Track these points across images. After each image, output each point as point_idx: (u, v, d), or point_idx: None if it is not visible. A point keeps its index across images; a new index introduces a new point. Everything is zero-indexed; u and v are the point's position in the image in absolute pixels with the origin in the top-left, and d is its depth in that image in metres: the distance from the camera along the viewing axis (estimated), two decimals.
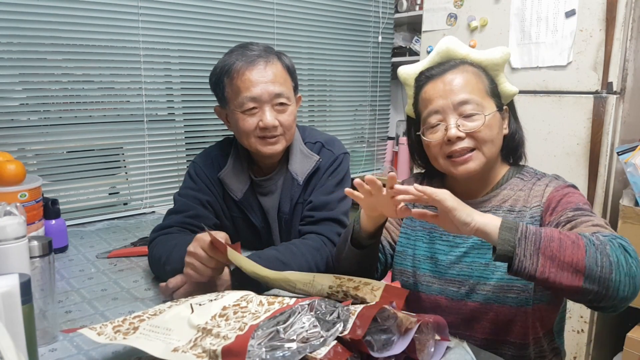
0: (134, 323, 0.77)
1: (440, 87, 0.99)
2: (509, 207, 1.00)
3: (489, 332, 0.99)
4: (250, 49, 1.22)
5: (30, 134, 1.68)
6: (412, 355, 0.73)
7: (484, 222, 0.79)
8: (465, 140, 0.96)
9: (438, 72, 1.01)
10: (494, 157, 1.00)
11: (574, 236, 0.77)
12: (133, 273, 1.22)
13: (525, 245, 0.76)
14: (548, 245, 0.75)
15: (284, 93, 1.21)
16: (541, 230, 0.78)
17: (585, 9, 1.82)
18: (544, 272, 0.75)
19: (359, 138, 2.88)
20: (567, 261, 0.74)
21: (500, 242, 0.77)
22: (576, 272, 0.74)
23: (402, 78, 1.09)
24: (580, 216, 0.89)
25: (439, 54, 1.04)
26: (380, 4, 2.76)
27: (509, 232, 0.77)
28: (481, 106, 0.97)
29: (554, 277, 0.75)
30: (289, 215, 1.31)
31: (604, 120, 1.80)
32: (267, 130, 1.20)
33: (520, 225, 0.78)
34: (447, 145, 0.97)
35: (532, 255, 0.75)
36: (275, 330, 0.67)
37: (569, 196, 0.94)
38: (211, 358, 0.64)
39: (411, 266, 1.08)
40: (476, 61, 1.02)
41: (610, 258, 0.74)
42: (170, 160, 2.04)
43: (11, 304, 0.63)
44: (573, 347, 1.89)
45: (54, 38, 1.68)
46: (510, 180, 1.03)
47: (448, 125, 0.96)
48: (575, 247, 0.75)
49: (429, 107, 1.00)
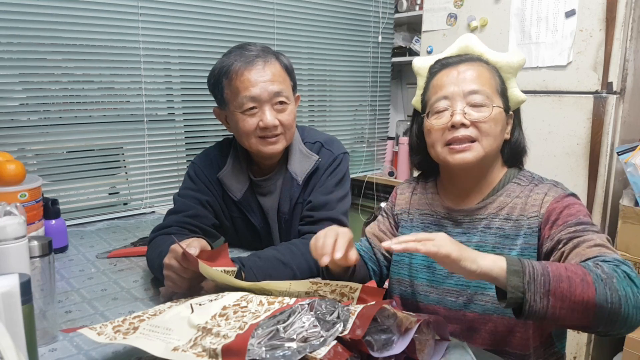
0: (134, 323, 0.77)
1: (454, 75, 0.99)
2: (506, 215, 0.98)
3: (489, 343, 0.98)
4: (248, 49, 1.22)
5: (30, 134, 1.68)
6: (412, 355, 0.73)
7: (489, 267, 0.77)
8: (469, 129, 0.96)
9: (454, 61, 1.02)
10: (492, 153, 0.99)
11: (581, 272, 0.75)
12: (133, 273, 1.22)
13: (535, 289, 0.73)
14: (558, 286, 0.73)
15: (283, 92, 1.21)
16: (548, 268, 0.75)
17: (585, 9, 1.82)
18: (555, 313, 0.73)
19: (359, 138, 2.88)
20: (577, 300, 0.73)
21: (510, 289, 0.75)
22: (586, 310, 0.73)
23: (416, 67, 1.10)
24: (582, 233, 0.87)
25: (460, 48, 1.06)
26: (380, 4, 2.76)
27: (517, 277, 0.75)
28: (490, 99, 0.97)
29: (564, 317, 0.74)
30: (288, 215, 1.31)
31: (604, 120, 1.80)
32: (268, 130, 1.20)
33: (527, 265, 0.76)
34: (450, 131, 0.97)
35: (542, 298, 0.73)
36: (275, 329, 0.67)
37: (569, 208, 0.93)
38: (211, 357, 0.64)
39: (408, 275, 1.08)
40: (492, 61, 1.03)
41: (619, 292, 0.73)
42: (170, 160, 2.04)
43: (11, 304, 0.62)
44: (573, 347, 1.89)
45: (54, 38, 1.68)
46: (507, 185, 1.02)
47: (455, 110, 0.96)
48: (584, 285, 0.73)
49: (439, 93, 1.00)
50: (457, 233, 1.03)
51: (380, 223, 1.19)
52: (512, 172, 1.04)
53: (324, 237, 0.88)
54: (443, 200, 1.08)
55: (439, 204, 1.08)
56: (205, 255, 0.94)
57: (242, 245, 1.39)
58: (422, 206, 1.11)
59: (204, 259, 0.92)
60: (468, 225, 1.02)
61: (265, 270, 1.09)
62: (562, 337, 1.05)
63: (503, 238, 0.98)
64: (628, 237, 1.71)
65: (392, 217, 1.17)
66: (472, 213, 1.02)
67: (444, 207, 1.07)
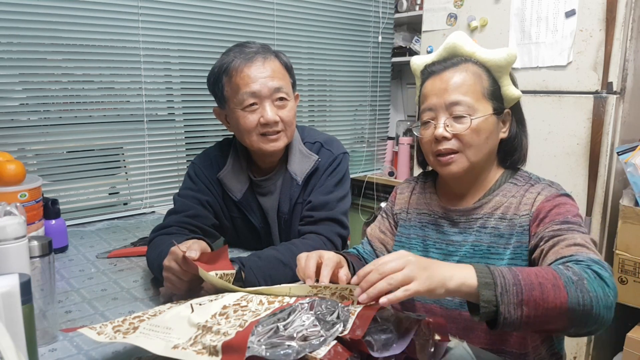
0: (134, 323, 0.77)
1: (437, 85, 0.99)
2: (501, 215, 0.99)
3: (485, 342, 0.98)
4: (248, 46, 1.23)
5: (30, 134, 1.68)
6: (412, 355, 0.73)
7: (458, 287, 0.73)
8: (451, 142, 0.96)
9: (439, 68, 1.01)
10: (479, 162, 0.99)
11: (552, 276, 0.73)
12: (133, 273, 1.22)
13: (508, 300, 0.71)
14: (530, 294, 0.71)
15: (283, 88, 1.21)
16: (519, 276, 0.73)
17: (585, 9, 1.82)
18: (529, 322, 0.72)
19: (359, 138, 2.88)
20: (550, 307, 0.72)
21: (483, 304, 0.72)
22: (560, 315, 0.72)
23: (414, 67, 1.10)
24: (565, 232, 0.87)
25: (446, 48, 1.04)
26: (380, 4, 2.76)
27: (489, 290, 0.72)
28: (472, 109, 0.96)
29: (538, 324, 0.73)
30: (288, 215, 1.31)
31: (604, 120, 1.80)
32: (269, 126, 1.20)
33: (498, 276, 0.73)
34: (435, 143, 0.98)
35: (516, 309, 0.71)
36: (276, 327, 0.67)
37: (559, 207, 0.92)
38: (211, 354, 0.64)
39: None
40: (481, 60, 1.01)
41: (590, 294, 0.73)
42: (170, 160, 2.04)
43: (11, 304, 0.62)
44: (573, 347, 1.90)
45: (54, 38, 1.68)
46: (503, 185, 1.02)
47: (437, 124, 0.97)
48: (556, 290, 0.72)
49: (425, 104, 1.01)
50: (453, 233, 1.04)
51: (380, 224, 1.19)
52: (509, 172, 1.04)
53: (305, 260, 0.90)
54: (441, 200, 1.08)
55: (437, 203, 1.08)
56: (205, 258, 0.94)
57: (242, 245, 1.39)
58: (421, 206, 1.11)
59: (204, 261, 0.92)
60: (464, 225, 1.03)
61: (265, 270, 1.09)
62: (560, 337, 1.05)
63: (498, 237, 0.98)
64: (628, 237, 1.71)
65: (392, 216, 1.17)
66: (468, 213, 1.02)
67: (442, 206, 1.07)
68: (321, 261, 0.89)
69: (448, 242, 1.04)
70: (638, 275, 1.68)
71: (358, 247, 1.20)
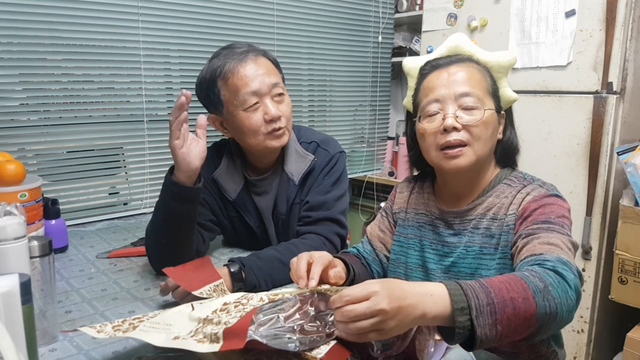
0: (134, 323, 0.77)
1: (445, 77, 0.99)
2: (492, 215, 0.99)
3: None
4: (236, 47, 1.24)
5: (30, 134, 1.68)
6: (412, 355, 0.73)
7: (432, 318, 0.69)
8: (461, 133, 0.95)
9: (444, 62, 1.01)
10: (484, 157, 0.99)
11: (521, 287, 0.72)
12: (133, 273, 1.22)
13: (484, 322, 0.69)
14: (503, 312, 0.70)
15: (279, 83, 1.23)
16: (491, 294, 0.71)
17: (585, 9, 1.82)
18: (501, 338, 0.71)
19: (359, 138, 2.88)
20: (521, 322, 0.71)
21: (459, 330, 0.69)
22: (529, 326, 0.72)
23: (407, 68, 1.09)
24: (543, 231, 0.87)
25: (450, 48, 1.05)
26: (380, 4, 2.76)
27: (464, 315, 0.69)
28: (482, 101, 0.97)
29: (510, 338, 0.72)
30: (285, 215, 1.31)
31: (604, 120, 1.80)
32: (274, 122, 1.21)
33: (471, 297, 0.70)
34: (442, 135, 0.96)
35: (491, 330, 0.70)
36: (276, 316, 0.67)
37: (544, 207, 0.92)
38: (212, 342, 0.65)
39: (404, 274, 1.09)
40: (482, 61, 1.02)
41: (555, 300, 0.73)
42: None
43: (11, 304, 0.62)
44: (573, 347, 1.90)
45: (54, 38, 1.68)
46: (497, 186, 1.02)
47: (446, 114, 0.96)
48: (526, 303, 0.71)
49: (430, 96, 0.99)
50: (448, 234, 1.04)
51: (380, 222, 1.20)
52: (504, 173, 1.04)
53: (296, 261, 0.90)
54: (438, 201, 1.09)
55: (434, 204, 1.09)
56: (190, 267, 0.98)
57: (241, 245, 1.39)
58: (419, 206, 1.12)
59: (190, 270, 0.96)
60: (459, 227, 1.03)
61: (265, 270, 1.09)
62: (557, 337, 1.05)
63: (489, 238, 0.98)
64: (628, 237, 1.71)
65: (392, 215, 1.18)
66: (463, 214, 1.03)
67: (438, 208, 1.07)
68: (312, 261, 0.89)
69: (443, 243, 1.04)
70: (638, 275, 1.68)
71: (358, 246, 1.20)
